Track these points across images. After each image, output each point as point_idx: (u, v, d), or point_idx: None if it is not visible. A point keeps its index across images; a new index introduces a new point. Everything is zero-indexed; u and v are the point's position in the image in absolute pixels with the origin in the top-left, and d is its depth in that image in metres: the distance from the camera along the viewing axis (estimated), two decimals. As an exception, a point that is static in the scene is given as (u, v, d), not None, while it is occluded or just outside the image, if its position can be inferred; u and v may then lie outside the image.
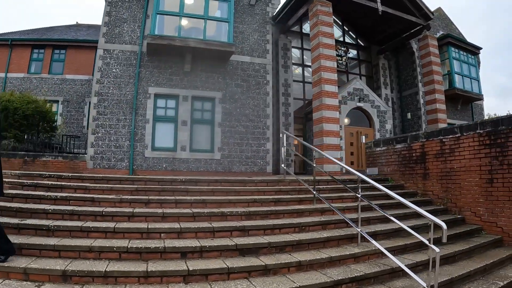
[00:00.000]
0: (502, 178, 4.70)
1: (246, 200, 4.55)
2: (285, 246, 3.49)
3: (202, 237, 3.51)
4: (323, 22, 9.48)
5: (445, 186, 5.57)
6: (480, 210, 4.99)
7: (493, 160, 4.82)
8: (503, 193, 4.67)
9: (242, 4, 10.60)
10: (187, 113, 9.54)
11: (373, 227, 4.27)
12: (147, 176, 5.56)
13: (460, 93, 13.34)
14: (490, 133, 4.89)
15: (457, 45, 13.80)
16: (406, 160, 6.35)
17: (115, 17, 9.53)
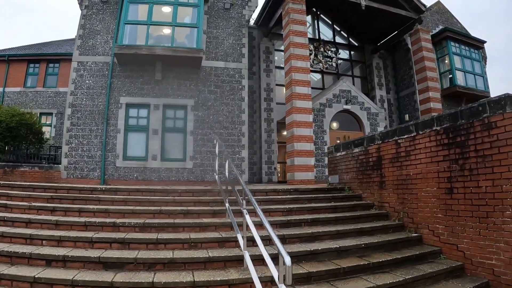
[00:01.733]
0: (463, 187, 3.68)
1: (152, 211, 4.11)
2: (155, 263, 2.99)
3: (81, 246, 3.30)
4: (294, 20, 8.84)
5: (401, 197, 4.59)
6: (439, 228, 3.97)
7: (452, 165, 3.80)
8: (465, 207, 3.65)
9: (217, 8, 10.25)
10: (158, 121, 9.26)
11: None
12: (70, 185, 5.40)
13: (462, 90, 11.95)
14: (448, 130, 3.88)
15: (458, 39, 12.43)
16: (364, 166, 5.43)
17: (89, 30, 9.56)
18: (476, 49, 12.96)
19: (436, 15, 13.39)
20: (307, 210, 4.65)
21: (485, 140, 3.46)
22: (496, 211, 3.30)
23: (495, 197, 3.31)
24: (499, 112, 3.29)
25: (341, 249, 3.59)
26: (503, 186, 3.23)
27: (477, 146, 3.55)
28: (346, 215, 4.60)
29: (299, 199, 5.07)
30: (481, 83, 12.76)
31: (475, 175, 3.55)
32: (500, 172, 3.27)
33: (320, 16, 13.18)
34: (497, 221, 3.28)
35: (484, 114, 3.46)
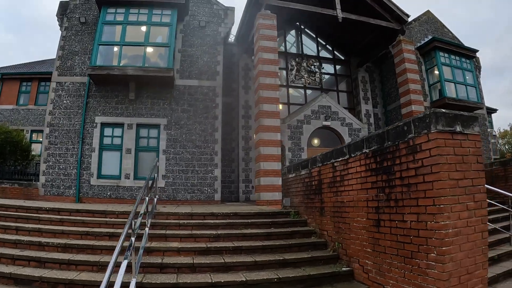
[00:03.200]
0: (389, 220, 3.19)
1: (80, 232, 4.27)
2: (58, 283, 3.18)
3: (4, 262, 3.51)
4: (264, 36, 8.63)
5: (337, 225, 4.20)
6: (368, 264, 3.53)
7: (379, 193, 3.34)
8: (391, 243, 3.16)
9: (193, 26, 10.22)
10: (132, 141, 9.25)
11: None
12: (22, 204, 5.46)
13: (452, 102, 11.27)
14: (376, 153, 3.40)
15: (447, 49, 11.79)
16: (308, 190, 5.07)
17: (68, 51, 9.75)
18: (468, 58, 12.26)
19: (425, 25, 12.82)
20: (237, 236, 4.44)
21: (410, 166, 2.93)
22: (420, 252, 2.81)
23: (420, 235, 2.81)
24: (424, 132, 2.77)
25: (249, 282, 3.33)
26: (428, 223, 2.72)
27: (402, 173, 3.03)
28: (277, 244, 4.31)
29: (235, 225, 4.84)
30: (474, 94, 12.03)
31: (401, 207, 3.05)
32: (425, 205, 2.75)
33: (305, 30, 12.92)
34: (422, 263, 2.79)
35: (409, 134, 2.96)
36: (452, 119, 2.79)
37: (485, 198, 2.87)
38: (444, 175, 2.66)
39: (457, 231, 2.65)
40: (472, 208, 2.76)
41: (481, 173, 2.85)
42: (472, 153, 2.84)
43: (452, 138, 2.78)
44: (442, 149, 2.69)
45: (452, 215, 2.65)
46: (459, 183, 2.72)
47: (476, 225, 2.75)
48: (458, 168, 2.74)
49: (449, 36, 12.96)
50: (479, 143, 2.92)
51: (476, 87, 12.14)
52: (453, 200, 2.67)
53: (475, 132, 2.88)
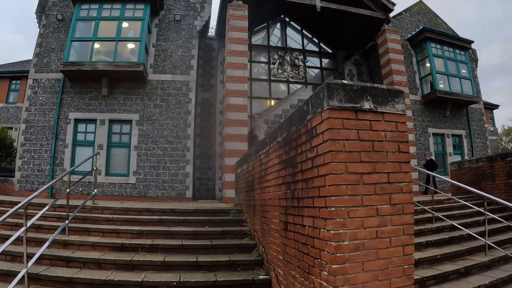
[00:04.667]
0: (293, 223, 2.50)
1: None
2: None
3: None
4: (233, 27, 7.98)
5: (262, 227, 3.58)
6: (280, 274, 2.89)
7: (287, 190, 2.67)
8: (294, 251, 2.47)
9: (168, 21, 9.69)
10: (104, 136, 8.85)
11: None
12: None
13: (444, 96, 10.21)
14: (285, 142, 2.71)
15: (439, 40, 10.69)
16: (247, 186, 4.48)
17: (45, 48, 9.47)
18: (463, 50, 11.09)
19: (416, 15, 11.73)
20: (161, 234, 4.07)
21: (308, 156, 2.22)
22: (315, 267, 2.09)
23: (315, 245, 2.09)
24: (318, 111, 2.06)
25: (144, 284, 2.99)
26: (321, 230, 2.00)
27: (302, 165, 2.32)
28: (199, 244, 3.86)
29: (166, 222, 4.44)
30: (469, 88, 10.85)
31: (301, 208, 2.34)
32: (319, 206, 2.05)
33: (290, 23, 12.11)
34: (316, 282, 2.07)
35: (307, 116, 2.25)
36: (356, 93, 2.02)
37: (411, 200, 2.07)
38: (337, 167, 1.90)
39: (358, 244, 1.90)
40: (386, 214, 1.98)
41: (404, 165, 2.06)
42: (389, 138, 2.05)
43: (355, 118, 2.00)
44: (336, 133, 1.94)
45: (349, 222, 1.89)
46: (364, 179, 1.95)
47: (392, 236, 1.98)
48: (364, 158, 1.97)
49: (443, 27, 11.82)
50: (403, 126, 2.12)
51: (471, 80, 10.98)
52: (352, 201, 1.91)
53: (397, 111, 2.09)
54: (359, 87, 2.07)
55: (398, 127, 2.08)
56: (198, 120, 10.15)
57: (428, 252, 4.05)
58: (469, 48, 11.24)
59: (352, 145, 1.97)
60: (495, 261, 4.11)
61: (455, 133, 10.94)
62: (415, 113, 10.71)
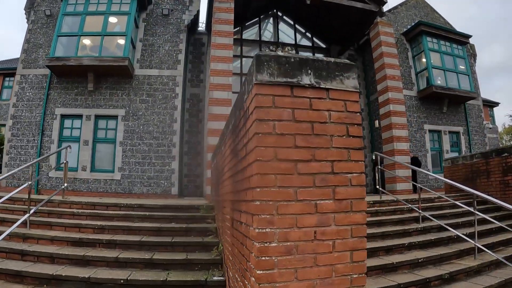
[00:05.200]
0: (236, 219, 2.15)
1: None
2: None
3: None
4: (219, 20, 7.64)
5: (220, 223, 3.35)
6: (230, 276, 2.57)
7: (233, 182, 2.37)
8: (237, 251, 2.10)
9: (156, 15, 9.39)
10: (90, 132, 8.60)
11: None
12: None
13: (440, 91, 9.71)
14: (233, 129, 2.36)
15: (435, 34, 10.19)
16: (216, 180, 4.14)
17: (33, 44, 9.27)
18: (460, 44, 10.54)
19: (413, 9, 11.22)
20: (123, 230, 3.89)
21: (244, 142, 1.89)
22: (247, 270, 1.72)
23: (247, 245, 1.73)
24: (249, 88, 1.78)
25: (91, 280, 2.85)
26: (250, 228, 1.67)
27: (240, 153, 1.99)
28: (160, 241, 3.64)
29: (131, 217, 4.26)
30: (466, 83, 10.32)
31: (239, 202, 2.05)
32: (249, 200, 1.70)
33: (283, 18, 11.70)
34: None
35: (244, 95, 1.93)
36: (293, 65, 1.65)
37: (362, 195, 1.70)
38: (264, 152, 1.54)
39: (289, 246, 1.53)
40: (329, 211, 1.61)
41: (355, 152, 1.68)
42: (335, 119, 1.67)
43: (291, 95, 1.64)
44: (264, 112, 1.57)
45: (278, 220, 1.52)
46: (300, 168, 1.58)
47: (337, 239, 1.61)
48: (301, 142, 1.61)
49: (440, 22, 11.28)
50: (354, 106, 1.74)
51: (469, 75, 10.45)
52: (283, 194, 1.55)
53: (346, 87, 1.71)
54: (297, 59, 1.70)
55: (348, 106, 1.70)
56: (187, 115, 9.85)
57: (411, 254, 3.69)
58: (467, 42, 10.70)
59: (285, 127, 1.60)
60: (485, 265, 3.70)
61: (452, 130, 10.42)
62: (410, 109, 10.23)
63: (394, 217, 4.82)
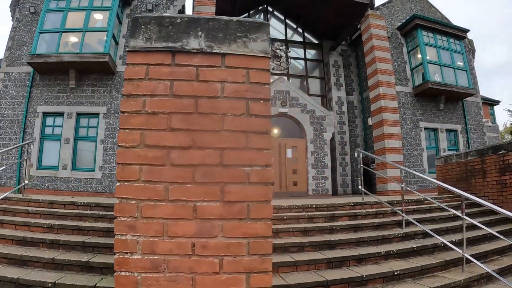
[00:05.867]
0: None
1: None
2: None
3: None
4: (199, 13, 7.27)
5: None
6: None
7: None
8: None
9: (140, 10, 9.09)
10: (71, 130, 8.32)
11: None
12: None
13: (436, 87, 9.13)
14: None
15: (431, 28, 9.60)
16: None
17: (17, 41, 9.05)
18: (458, 39, 9.94)
19: (408, 3, 10.67)
20: (74, 229, 3.58)
21: None
22: None
23: None
24: None
25: (19, 281, 2.60)
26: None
27: None
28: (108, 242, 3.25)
29: (85, 216, 3.94)
30: (464, 79, 9.70)
31: None
32: None
33: (273, 13, 11.29)
34: None
35: None
36: (179, 27, 1.29)
37: (266, 197, 1.24)
38: (128, 136, 1.23)
39: (157, 261, 1.15)
40: (214, 217, 1.19)
41: (257, 138, 1.24)
42: (231, 93, 1.26)
43: (171, 64, 1.25)
44: (134, 86, 1.27)
45: (143, 224, 1.18)
46: (174, 157, 1.19)
47: (225, 256, 1.16)
48: (178, 123, 1.22)
49: (437, 16, 10.68)
50: (261, 75, 1.30)
51: (467, 71, 9.82)
52: (150, 191, 1.19)
53: (251, 51, 1.30)
54: (185, 19, 1.29)
55: (251, 76, 1.27)
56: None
57: (386, 265, 3.16)
58: (465, 37, 10.08)
59: (158, 104, 1.20)
60: (473, 279, 3.10)
61: (449, 128, 9.81)
62: (405, 106, 9.67)
63: (375, 221, 4.26)
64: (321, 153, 8.82)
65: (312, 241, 3.40)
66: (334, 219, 4.16)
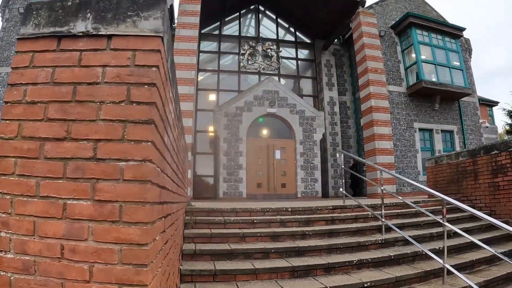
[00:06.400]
0: None
1: None
2: None
3: None
4: (184, 12, 7.23)
5: None
6: None
7: None
8: None
9: (128, 11, 9.05)
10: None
11: None
12: None
13: (431, 86, 8.94)
14: None
15: (426, 26, 9.43)
16: None
17: (6, 42, 9.11)
18: (453, 37, 9.74)
19: (403, 2, 10.52)
20: None
21: None
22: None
23: None
24: None
25: None
26: None
27: None
28: None
29: None
30: (460, 78, 9.50)
31: None
32: None
33: (265, 12, 11.23)
34: None
35: None
36: (68, 10, 1.14)
37: (144, 198, 0.98)
38: (7, 128, 1.09)
39: (28, 262, 1.00)
40: (84, 217, 0.98)
41: (136, 128, 1.03)
42: (112, 78, 1.04)
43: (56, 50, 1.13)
44: (18, 75, 1.13)
45: (15, 222, 1.03)
46: (47, 150, 1.04)
47: (96, 262, 0.95)
48: (55, 113, 1.06)
49: (432, 15, 10.51)
50: (149, 57, 1.13)
51: (463, 70, 9.61)
52: (23, 186, 1.06)
53: (141, 31, 1.12)
54: (76, 1, 1.19)
55: (137, 58, 1.12)
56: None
57: (358, 276, 2.91)
58: (461, 35, 9.88)
59: (38, 93, 1.10)
60: None
61: (445, 129, 9.60)
62: (399, 106, 9.50)
63: (354, 226, 4.04)
64: (310, 154, 8.67)
65: (279, 247, 3.19)
66: (309, 224, 3.98)
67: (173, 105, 1.85)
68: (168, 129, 1.59)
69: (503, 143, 5.42)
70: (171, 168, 1.84)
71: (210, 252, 3.06)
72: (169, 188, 1.77)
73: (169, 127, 1.64)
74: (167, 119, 1.50)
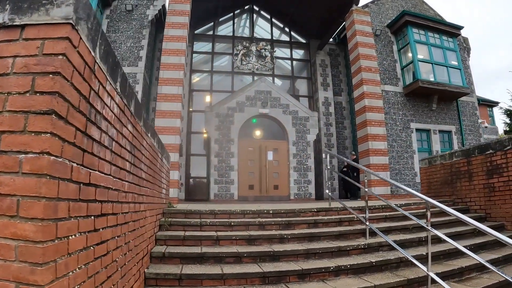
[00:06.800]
0: None
1: None
2: None
3: None
4: (173, 11, 7.17)
5: None
6: None
7: None
8: None
9: (120, 11, 9.06)
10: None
11: None
12: None
13: (428, 86, 8.77)
14: None
15: (422, 25, 9.27)
16: None
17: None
18: (451, 36, 9.57)
19: (398, 1, 10.39)
20: None
21: None
22: None
23: None
24: None
25: None
26: None
27: None
28: None
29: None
30: (458, 77, 9.30)
31: None
32: None
33: (260, 12, 11.17)
34: None
35: None
36: None
37: (38, 192, 0.94)
38: None
39: None
40: None
41: (37, 119, 0.96)
42: (21, 69, 1.02)
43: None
44: None
45: None
46: None
47: None
48: None
49: (430, 14, 10.36)
50: (56, 45, 1.03)
51: (461, 70, 9.41)
52: None
53: (52, 19, 1.06)
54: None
55: (45, 47, 1.05)
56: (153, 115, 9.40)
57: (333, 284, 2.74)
58: (458, 34, 9.69)
59: None
60: None
61: (443, 129, 9.40)
62: (395, 106, 9.33)
63: (337, 229, 3.85)
64: (304, 155, 8.53)
65: (254, 251, 3.04)
66: (290, 227, 3.83)
67: (117, 100, 1.76)
68: (101, 123, 1.50)
69: (498, 142, 5.23)
70: (115, 166, 1.74)
71: (180, 256, 2.95)
72: (111, 187, 1.67)
73: (105, 121, 1.55)
74: (96, 112, 1.42)
